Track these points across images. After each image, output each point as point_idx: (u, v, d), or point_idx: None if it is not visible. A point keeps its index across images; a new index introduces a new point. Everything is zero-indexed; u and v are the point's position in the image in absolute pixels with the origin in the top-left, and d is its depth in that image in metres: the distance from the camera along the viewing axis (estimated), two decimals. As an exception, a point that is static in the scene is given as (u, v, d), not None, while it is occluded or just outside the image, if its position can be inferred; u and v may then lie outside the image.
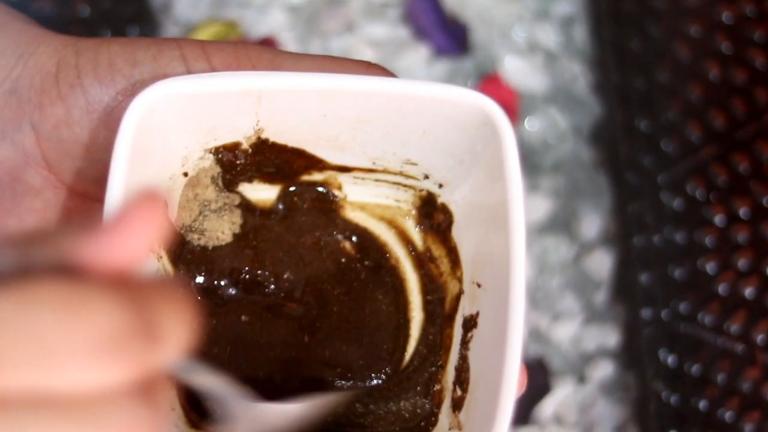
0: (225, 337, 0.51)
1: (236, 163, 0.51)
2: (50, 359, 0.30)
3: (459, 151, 0.49)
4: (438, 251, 0.53)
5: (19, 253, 0.31)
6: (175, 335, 0.32)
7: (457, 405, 0.49)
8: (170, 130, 0.48)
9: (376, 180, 0.53)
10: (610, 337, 0.90)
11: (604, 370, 0.89)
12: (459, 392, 0.49)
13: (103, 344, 0.30)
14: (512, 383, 0.43)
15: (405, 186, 0.53)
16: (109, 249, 0.32)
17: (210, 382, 0.39)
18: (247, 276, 0.52)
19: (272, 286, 0.52)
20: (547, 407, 0.88)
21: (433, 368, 0.51)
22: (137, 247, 0.32)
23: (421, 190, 0.53)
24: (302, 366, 0.51)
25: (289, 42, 0.95)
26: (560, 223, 0.93)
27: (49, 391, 0.30)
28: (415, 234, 0.53)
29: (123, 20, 0.91)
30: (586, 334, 0.90)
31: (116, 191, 0.44)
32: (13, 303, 0.30)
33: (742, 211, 0.87)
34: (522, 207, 0.45)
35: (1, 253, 0.31)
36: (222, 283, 0.51)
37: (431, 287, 0.53)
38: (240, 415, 0.41)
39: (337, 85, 0.47)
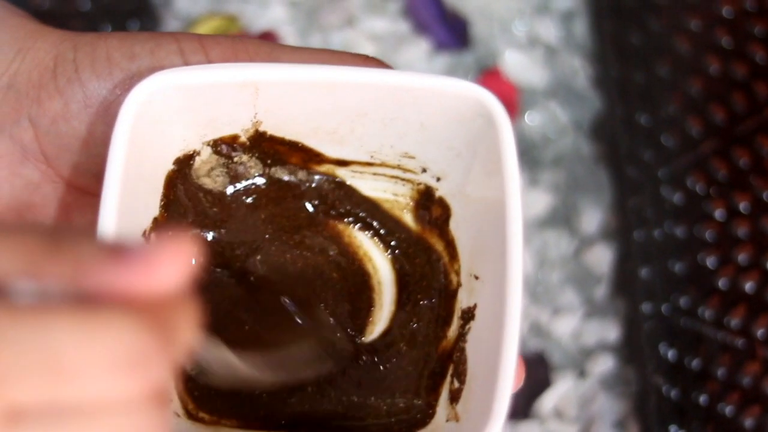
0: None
1: (234, 156, 0.51)
2: (67, 375, 0.30)
3: (457, 144, 0.49)
4: (436, 245, 0.53)
5: (39, 279, 0.32)
6: (187, 336, 0.33)
7: (454, 397, 0.49)
8: (167, 122, 0.48)
9: (374, 174, 0.53)
10: (610, 331, 0.90)
11: (604, 365, 0.89)
12: (457, 384, 0.49)
13: (122, 362, 0.31)
14: (509, 375, 0.43)
15: (403, 180, 0.53)
16: (133, 281, 0.32)
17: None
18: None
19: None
20: (548, 402, 0.88)
21: (430, 361, 0.52)
22: (161, 283, 0.32)
23: (419, 184, 0.53)
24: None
25: (290, 36, 0.95)
26: (560, 218, 0.93)
27: (67, 402, 0.31)
28: (413, 228, 0.53)
29: (123, 14, 0.92)
30: (586, 329, 0.90)
31: (113, 184, 0.44)
32: (32, 328, 0.30)
33: (743, 206, 0.87)
34: (519, 198, 0.45)
35: (22, 282, 0.32)
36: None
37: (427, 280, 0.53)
38: (213, 363, 0.43)
39: (334, 77, 0.47)
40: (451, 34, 0.95)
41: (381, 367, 0.51)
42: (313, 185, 0.53)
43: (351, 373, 0.51)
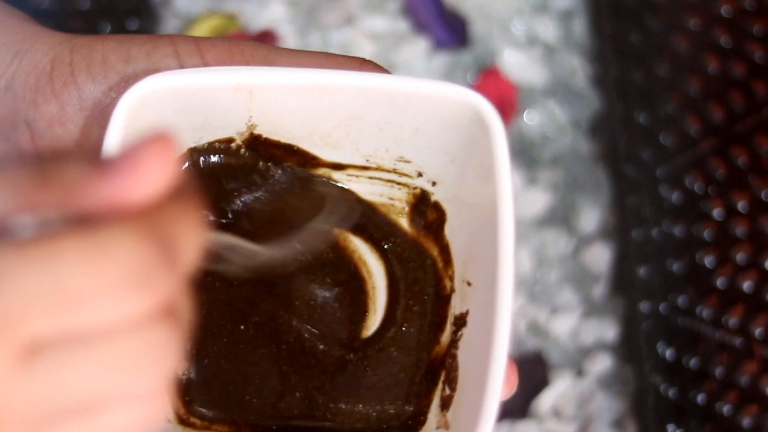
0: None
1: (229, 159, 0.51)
2: (76, 303, 0.31)
3: (451, 149, 0.49)
4: (430, 250, 0.53)
5: (34, 212, 0.32)
6: (192, 248, 0.34)
7: (445, 404, 0.49)
8: (161, 125, 0.48)
9: (370, 177, 0.52)
10: (608, 330, 0.90)
11: (602, 364, 0.89)
12: (447, 391, 0.49)
13: (129, 280, 0.31)
14: (497, 383, 0.43)
15: (399, 184, 0.53)
16: (122, 190, 0.32)
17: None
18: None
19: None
20: (546, 401, 0.88)
21: (421, 366, 0.52)
22: (150, 185, 0.33)
23: (414, 188, 0.53)
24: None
25: (289, 35, 0.95)
26: (559, 217, 0.93)
27: (82, 329, 0.32)
28: (409, 232, 0.53)
29: (123, 13, 0.92)
30: (584, 328, 0.90)
31: None
32: (37, 262, 0.31)
33: (741, 205, 0.87)
34: (511, 205, 0.45)
35: (18, 217, 0.32)
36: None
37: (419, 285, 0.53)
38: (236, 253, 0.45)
39: (328, 81, 0.47)
40: (450, 33, 0.95)
41: (371, 373, 0.51)
42: None
43: (340, 380, 0.51)
